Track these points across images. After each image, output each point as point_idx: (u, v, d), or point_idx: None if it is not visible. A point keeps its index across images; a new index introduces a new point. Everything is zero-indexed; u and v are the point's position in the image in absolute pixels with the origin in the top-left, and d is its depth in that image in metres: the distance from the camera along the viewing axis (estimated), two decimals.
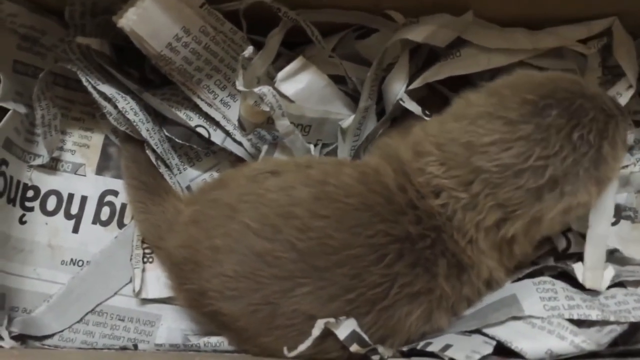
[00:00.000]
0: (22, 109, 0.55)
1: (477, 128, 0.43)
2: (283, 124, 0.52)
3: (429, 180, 0.45)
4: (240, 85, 0.51)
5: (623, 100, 0.55)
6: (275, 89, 0.52)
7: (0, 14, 0.53)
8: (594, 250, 0.51)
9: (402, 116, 0.57)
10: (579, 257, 0.51)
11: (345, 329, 0.43)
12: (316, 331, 0.43)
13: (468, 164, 0.43)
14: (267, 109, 0.51)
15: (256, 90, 0.51)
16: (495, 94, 0.45)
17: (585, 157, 0.42)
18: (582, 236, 0.50)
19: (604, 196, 0.48)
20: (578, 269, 0.50)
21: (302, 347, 0.43)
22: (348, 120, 0.56)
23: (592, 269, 0.50)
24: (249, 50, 0.51)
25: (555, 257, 0.53)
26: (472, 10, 0.53)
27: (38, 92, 0.55)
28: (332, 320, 0.43)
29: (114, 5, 0.51)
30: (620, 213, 0.56)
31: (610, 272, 0.50)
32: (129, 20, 0.49)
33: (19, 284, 0.55)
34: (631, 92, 0.54)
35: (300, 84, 0.54)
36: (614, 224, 0.56)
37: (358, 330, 0.43)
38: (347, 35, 0.57)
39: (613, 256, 0.53)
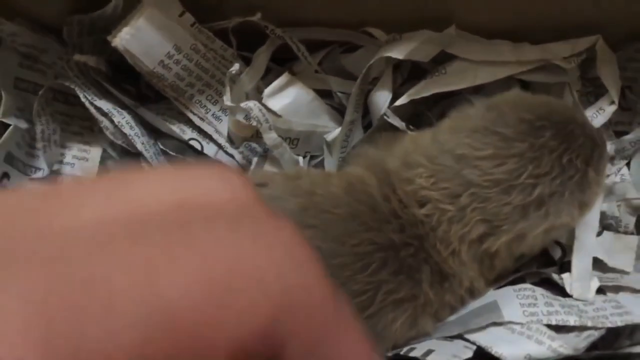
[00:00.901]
0: (23, 124, 0.57)
1: (473, 141, 0.44)
2: (270, 137, 0.54)
3: (416, 191, 0.46)
4: (227, 101, 0.53)
5: (605, 116, 0.57)
6: (262, 104, 0.54)
7: (1, 34, 0.55)
8: (580, 261, 0.52)
9: (389, 128, 0.59)
10: (569, 267, 0.53)
11: None
12: None
13: (458, 177, 0.44)
14: (254, 123, 0.53)
15: (243, 105, 0.53)
16: (494, 109, 0.46)
17: (571, 180, 0.43)
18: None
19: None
20: (566, 279, 0.52)
21: None
22: (333, 133, 0.57)
23: (579, 280, 0.52)
24: (236, 66, 0.53)
25: (549, 261, 0.55)
26: (454, 24, 0.54)
27: (38, 108, 0.57)
28: None
29: (110, 25, 0.53)
30: (602, 222, 0.58)
31: (595, 282, 0.52)
32: (122, 39, 0.51)
33: None
34: (613, 108, 0.56)
35: (286, 99, 0.56)
36: (597, 234, 0.58)
37: None
38: (333, 50, 0.59)
39: (596, 265, 0.54)
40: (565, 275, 0.52)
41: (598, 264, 0.55)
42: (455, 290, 0.48)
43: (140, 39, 0.51)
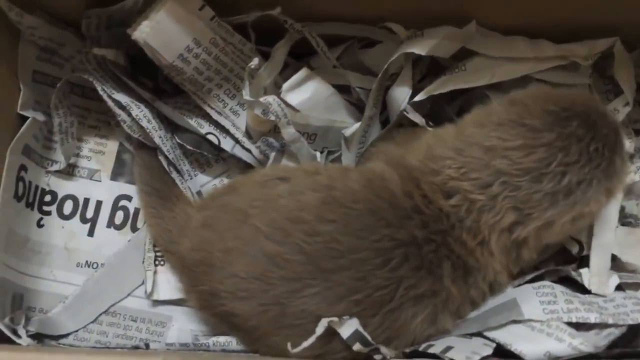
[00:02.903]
0: (40, 117, 0.57)
1: (501, 133, 0.45)
2: (288, 132, 0.54)
3: (445, 181, 0.47)
4: (246, 95, 0.53)
5: (620, 116, 0.57)
6: (281, 98, 0.54)
7: (20, 27, 0.55)
8: (598, 257, 0.52)
9: (406, 124, 0.59)
10: (587, 262, 0.53)
11: (348, 328, 0.45)
12: (319, 329, 0.44)
13: (489, 167, 0.45)
14: (272, 118, 0.53)
15: (262, 99, 0.53)
16: (517, 103, 0.47)
17: (598, 168, 0.45)
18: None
19: (609, 206, 0.50)
20: (585, 274, 0.52)
21: (305, 344, 0.44)
22: (351, 128, 0.57)
23: (597, 275, 0.52)
24: (255, 61, 0.53)
25: (567, 259, 0.55)
26: (475, 20, 0.54)
27: (56, 101, 0.57)
28: (335, 319, 0.44)
29: (129, 18, 0.53)
30: (620, 220, 0.57)
31: (615, 279, 0.52)
32: (142, 32, 0.51)
33: (36, 285, 0.57)
34: (628, 109, 0.57)
35: (305, 93, 0.56)
36: None
37: (361, 329, 0.45)
38: (351, 45, 0.59)
39: (613, 262, 0.54)
40: (583, 270, 0.52)
41: (616, 263, 0.54)
42: (479, 285, 0.48)
43: (160, 32, 0.51)
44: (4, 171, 0.53)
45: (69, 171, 0.60)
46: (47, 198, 0.59)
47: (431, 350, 0.48)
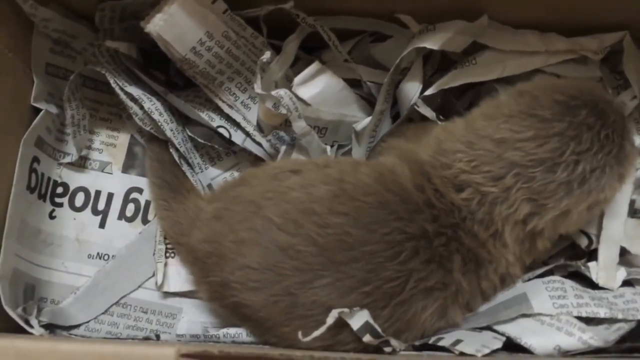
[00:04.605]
0: (53, 109, 0.57)
1: (512, 125, 0.46)
2: (299, 126, 0.54)
3: (455, 175, 0.47)
4: (258, 89, 0.54)
5: (628, 109, 0.57)
6: (292, 92, 0.54)
7: (34, 19, 0.56)
8: (607, 250, 0.52)
9: (416, 119, 0.59)
10: (596, 256, 0.53)
11: (358, 319, 0.45)
12: (330, 320, 0.44)
13: (501, 159, 0.45)
14: (284, 111, 0.53)
15: (273, 93, 0.53)
16: (525, 94, 0.47)
17: (610, 155, 0.45)
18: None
19: (619, 199, 0.50)
20: (593, 267, 0.52)
21: (316, 334, 0.45)
22: (362, 123, 0.57)
23: (605, 269, 0.52)
24: (267, 54, 0.53)
25: (577, 254, 0.55)
26: (486, 14, 0.54)
27: (68, 94, 0.58)
28: (346, 310, 0.44)
29: (142, 11, 0.53)
30: (630, 214, 0.57)
31: (622, 273, 0.52)
32: (155, 25, 0.51)
33: (48, 276, 0.58)
34: (635, 102, 0.57)
35: (316, 87, 0.56)
36: None
37: (371, 321, 0.45)
38: (362, 39, 0.59)
39: (622, 258, 0.54)
40: (591, 264, 0.52)
41: (625, 259, 0.54)
42: (490, 277, 0.48)
43: (173, 25, 0.52)
44: (17, 163, 0.54)
45: (81, 163, 0.60)
46: (59, 190, 0.60)
47: (441, 343, 0.48)
